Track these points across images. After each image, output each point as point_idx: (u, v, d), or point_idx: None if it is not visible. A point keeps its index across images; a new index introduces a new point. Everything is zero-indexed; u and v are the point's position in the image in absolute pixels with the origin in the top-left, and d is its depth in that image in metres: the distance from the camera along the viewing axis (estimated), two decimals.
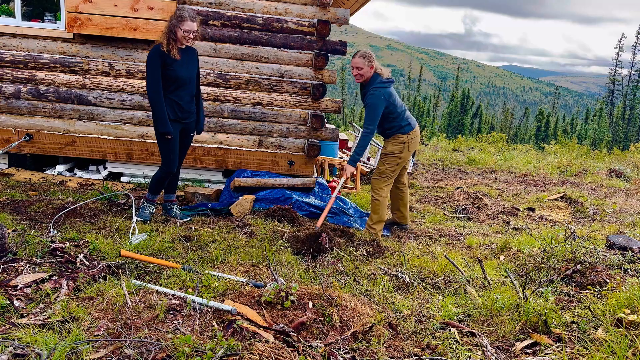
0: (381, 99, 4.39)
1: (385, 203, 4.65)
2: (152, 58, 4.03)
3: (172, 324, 2.22)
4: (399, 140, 4.61)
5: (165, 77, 4.07)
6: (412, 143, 4.67)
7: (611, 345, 2.16)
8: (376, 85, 4.42)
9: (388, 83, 4.47)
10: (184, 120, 4.28)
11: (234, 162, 5.88)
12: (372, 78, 4.46)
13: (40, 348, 1.94)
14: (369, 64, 4.43)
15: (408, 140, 4.63)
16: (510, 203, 6.71)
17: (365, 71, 4.44)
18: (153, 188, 4.39)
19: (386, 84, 4.45)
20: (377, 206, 4.64)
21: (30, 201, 4.50)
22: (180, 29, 4.04)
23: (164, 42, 4.06)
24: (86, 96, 5.69)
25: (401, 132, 4.60)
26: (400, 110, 4.57)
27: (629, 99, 46.30)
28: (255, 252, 3.51)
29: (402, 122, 4.58)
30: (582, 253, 3.61)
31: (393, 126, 4.59)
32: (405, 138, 4.62)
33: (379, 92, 4.38)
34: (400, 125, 4.58)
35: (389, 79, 4.50)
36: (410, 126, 4.63)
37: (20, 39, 5.63)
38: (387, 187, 4.70)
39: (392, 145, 4.63)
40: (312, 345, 2.12)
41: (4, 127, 5.71)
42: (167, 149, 4.22)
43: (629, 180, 9.50)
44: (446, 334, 2.38)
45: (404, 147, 4.62)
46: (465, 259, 3.87)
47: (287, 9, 5.70)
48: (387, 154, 4.67)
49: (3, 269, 2.76)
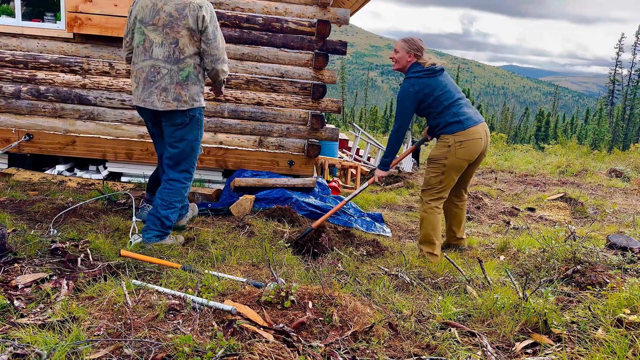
0: (409, 91, 3.68)
1: (432, 220, 3.82)
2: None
3: (172, 324, 2.22)
4: (443, 142, 3.76)
5: None
6: (461, 147, 3.70)
7: (611, 345, 2.16)
8: (408, 76, 3.75)
9: (426, 72, 3.71)
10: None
11: (234, 162, 5.89)
12: (410, 67, 3.79)
13: (40, 348, 1.94)
14: (408, 50, 3.75)
15: (455, 143, 3.69)
16: (510, 203, 6.71)
17: (400, 57, 3.78)
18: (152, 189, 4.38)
19: (422, 74, 3.71)
20: (420, 222, 3.93)
21: (30, 201, 4.50)
22: None
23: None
24: (86, 96, 5.69)
25: (446, 131, 3.74)
26: (449, 103, 3.72)
27: (629, 99, 46.31)
28: (255, 252, 3.51)
29: (449, 119, 3.71)
30: (582, 253, 3.61)
31: (438, 123, 3.78)
32: (451, 140, 3.70)
33: (407, 84, 3.71)
34: (446, 122, 3.72)
35: (430, 68, 3.72)
36: (460, 124, 3.71)
37: (20, 38, 5.63)
38: (435, 201, 3.82)
39: (436, 149, 3.81)
40: (312, 345, 2.12)
41: (4, 127, 5.72)
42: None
43: (629, 180, 9.50)
44: (446, 334, 2.38)
45: (448, 152, 3.71)
46: (465, 259, 3.87)
47: (287, 8, 5.70)
48: (429, 159, 3.85)
49: (3, 269, 2.76)
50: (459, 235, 4.21)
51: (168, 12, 3.36)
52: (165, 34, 3.38)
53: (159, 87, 3.42)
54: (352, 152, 9.60)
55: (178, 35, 3.38)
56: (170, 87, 3.42)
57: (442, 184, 3.78)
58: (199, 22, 3.36)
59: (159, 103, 3.44)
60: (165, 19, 3.35)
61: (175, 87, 3.42)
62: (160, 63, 3.41)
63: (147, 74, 3.45)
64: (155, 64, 3.42)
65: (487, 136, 3.81)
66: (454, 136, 3.69)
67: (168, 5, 3.36)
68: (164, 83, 3.41)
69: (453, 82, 3.86)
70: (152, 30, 3.39)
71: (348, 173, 7.48)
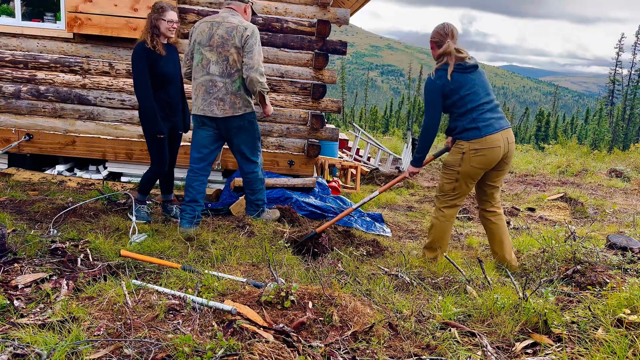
0: (435, 84, 3.45)
1: (442, 228, 3.65)
2: (138, 56, 3.94)
3: (172, 324, 2.21)
4: (458, 148, 3.52)
5: (153, 75, 4.00)
6: (476, 155, 3.44)
7: (611, 345, 2.16)
8: (436, 67, 3.53)
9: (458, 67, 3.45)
10: (172, 118, 4.25)
11: (234, 162, 5.88)
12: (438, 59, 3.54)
13: (40, 348, 1.94)
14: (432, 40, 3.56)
15: (470, 150, 3.44)
16: (510, 203, 6.71)
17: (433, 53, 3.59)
18: (143, 189, 4.37)
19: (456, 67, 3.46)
20: (430, 229, 3.75)
21: (30, 201, 4.50)
22: (164, 20, 3.98)
23: (148, 38, 3.98)
24: (86, 96, 5.69)
25: (462, 137, 3.49)
26: (472, 106, 3.45)
27: (629, 99, 46.31)
28: (255, 252, 3.51)
29: (467, 124, 3.45)
30: (582, 253, 3.61)
31: (456, 126, 3.53)
32: (466, 147, 3.45)
33: (435, 76, 3.48)
34: (463, 127, 3.47)
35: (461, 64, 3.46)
36: (477, 131, 3.43)
37: (20, 38, 5.63)
38: (448, 209, 3.64)
39: (451, 154, 3.59)
40: (312, 345, 2.12)
41: (4, 127, 5.72)
42: (158, 148, 4.19)
43: (629, 180, 9.50)
44: (446, 334, 2.38)
45: (462, 159, 3.47)
46: (465, 259, 3.87)
47: (287, 8, 5.70)
48: (444, 164, 3.65)
49: (3, 269, 2.76)
50: (501, 254, 3.71)
51: (220, 35, 3.97)
52: (218, 53, 3.97)
53: (217, 98, 4.01)
54: (352, 152, 9.59)
55: (228, 53, 3.96)
56: (226, 97, 4.01)
57: (455, 192, 3.59)
58: (242, 40, 3.94)
59: (218, 111, 4.03)
60: (218, 40, 3.96)
61: (230, 97, 4.02)
62: (216, 78, 4.00)
63: (206, 87, 4.03)
64: (212, 79, 4.01)
65: (510, 143, 3.52)
66: (469, 143, 3.45)
67: (220, 29, 3.97)
68: (221, 94, 4.00)
69: (485, 82, 3.57)
70: (208, 51, 4.00)
71: (348, 173, 7.48)
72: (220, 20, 4.01)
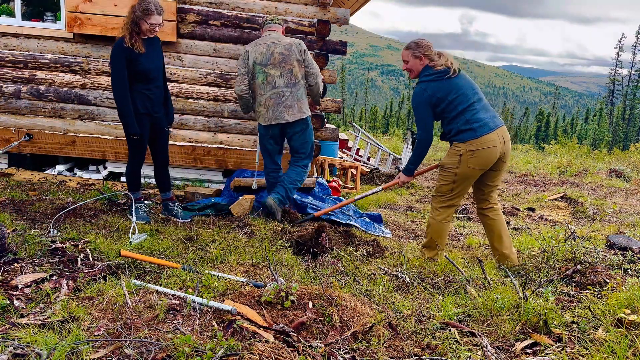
0: (421, 96, 3.52)
1: (439, 228, 3.69)
2: (116, 55, 3.90)
3: (172, 324, 2.22)
4: (455, 150, 3.55)
5: (133, 73, 3.97)
6: (473, 157, 3.47)
7: (611, 345, 2.16)
8: (420, 80, 3.58)
9: (438, 75, 3.52)
10: (154, 114, 4.23)
11: (234, 162, 5.88)
12: (422, 71, 3.59)
13: (40, 348, 1.94)
14: (416, 54, 3.55)
15: (467, 152, 3.47)
16: (511, 203, 6.71)
17: (412, 65, 3.60)
18: (131, 185, 4.37)
19: (435, 77, 3.52)
20: (427, 229, 3.78)
21: (30, 201, 4.50)
22: (146, 22, 3.93)
23: (127, 35, 3.93)
24: (86, 96, 5.69)
25: (458, 139, 3.52)
26: (463, 107, 3.50)
27: (629, 99, 46.30)
28: (255, 252, 3.51)
29: (461, 126, 3.49)
30: (582, 253, 3.61)
31: (450, 130, 3.57)
32: (463, 148, 3.49)
33: (419, 89, 3.55)
34: (458, 129, 3.51)
35: (443, 70, 3.52)
36: (472, 132, 3.47)
37: (20, 38, 5.63)
38: (444, 209, 3.68)
39: (447, 156, 3.62)
40: (312, 345, 2.12)
41: (4, 127, 5.71)
42: (133, 146, 4.22)
43: (629, 180, 9.50)
44: (446, 334, 2.38)
45: (459, 161, 3.51)
46: (465, 259, 3.87)
47: (287, 8, 5.70)
48: (441, 166, 3.69)
49: (3, 269, 2.76)
50: (501, 250, 3.74)
51: (280, 52, 4.51)
52: (282, 68, 4.51)
53: (286, 106, 4.53)
54: (352, 152, 9.60)
55: (291, 66, 4.53)
56: (293, 104, 4.55)
57: (452, 192, 3.62)
58: (302, 53, 4.56)
59: (289, 117, 4.54)
60: (279, 57, 4.50)
61: (297, 103, 4.56)
62: (283, 89, 4.53)
63: (275, 99, 4.52)
64: (279, 91, 4.52)
65: (506, 141, 3.55)
66: (465, 144, 3.47)
67: (278, 47, 4.51)
68: (289, 102, 4.53)
69: (471, 82, 3.62)
70: (271, 68, 4.51)
71: (348, 173, 7.48)
72: (274, 41, 4.53)
